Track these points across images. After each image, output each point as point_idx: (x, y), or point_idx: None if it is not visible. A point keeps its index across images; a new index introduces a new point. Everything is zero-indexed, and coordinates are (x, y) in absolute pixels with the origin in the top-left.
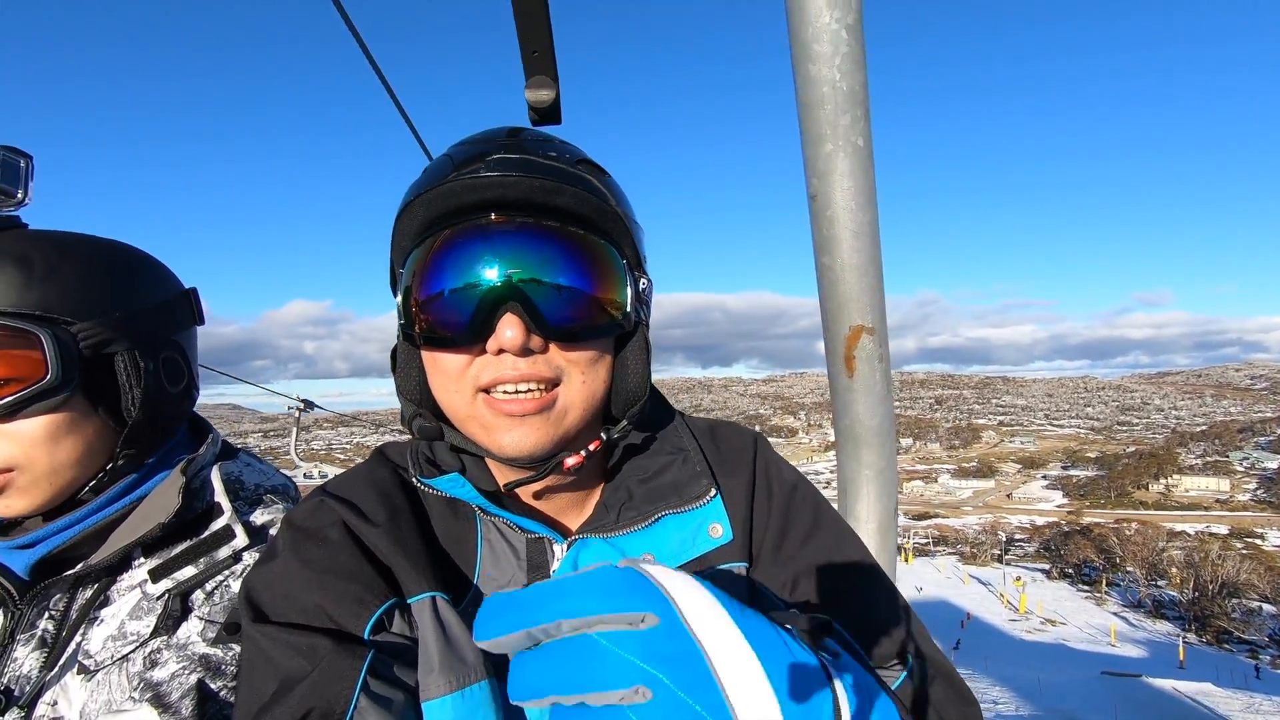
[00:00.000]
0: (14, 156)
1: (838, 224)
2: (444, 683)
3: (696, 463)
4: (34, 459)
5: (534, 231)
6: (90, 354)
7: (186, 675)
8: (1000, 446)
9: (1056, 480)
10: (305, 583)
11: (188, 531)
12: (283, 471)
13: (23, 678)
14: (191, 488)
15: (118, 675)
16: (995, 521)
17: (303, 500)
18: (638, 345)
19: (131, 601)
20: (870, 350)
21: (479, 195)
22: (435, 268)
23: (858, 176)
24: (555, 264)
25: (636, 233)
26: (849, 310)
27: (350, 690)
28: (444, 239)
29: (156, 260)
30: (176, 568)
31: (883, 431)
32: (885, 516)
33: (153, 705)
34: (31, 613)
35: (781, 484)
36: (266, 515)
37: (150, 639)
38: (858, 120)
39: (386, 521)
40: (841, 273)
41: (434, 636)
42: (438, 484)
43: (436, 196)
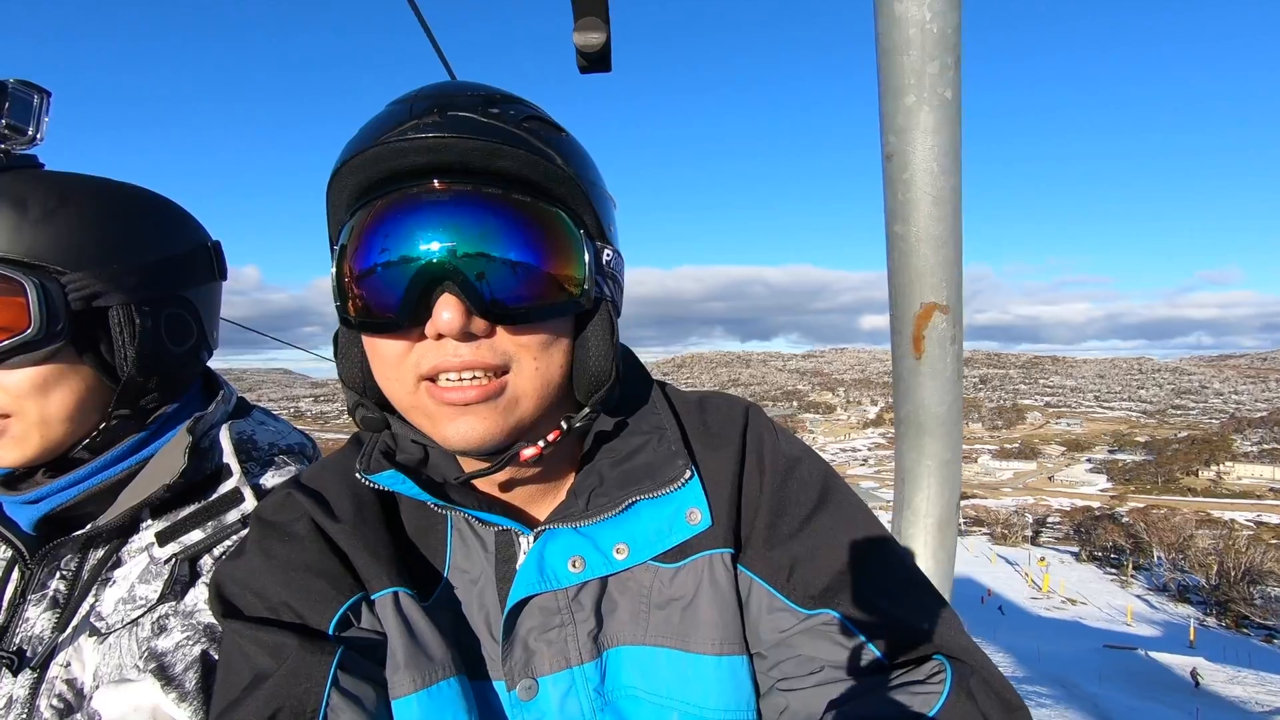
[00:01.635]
0: (27, 91)
1: (915, 188)
2: (409, 680)
3: (672, 441)
4: (23, 409)
5: (472, 200)
6: (81, 307)
7: (191, 646)
8: (1045, 428)
9: (1101, 464)
10: (271, 579)
11: (197, 493)
12: (299, 429)
13: (35, 638)
14: (200, 448)
15: (128, 639)
16: (1034, 504)
17: (273, 491)
18: (600, 324)
19: (141, 565)
20: (942, 331)
21: (409, 160)
22: (365, 244)
23: (942, 134)
24: (496, 236)
25: (598, 198)
26: (921, 286)
27: (320, 688)
28: (374, 210)
29: (174, 210)
30: (184, 531)
31: (950, 420)
32: (946, 511)
33: (156, 677)
34: (42, 572)
35: (776, 458)
36: (278, 477)
37: (158, 604)
38: (946, 69)
39: (352, 516)
40: (916, 243)
41: (399, 633)
42: (380, 480)
43: (364, 162)
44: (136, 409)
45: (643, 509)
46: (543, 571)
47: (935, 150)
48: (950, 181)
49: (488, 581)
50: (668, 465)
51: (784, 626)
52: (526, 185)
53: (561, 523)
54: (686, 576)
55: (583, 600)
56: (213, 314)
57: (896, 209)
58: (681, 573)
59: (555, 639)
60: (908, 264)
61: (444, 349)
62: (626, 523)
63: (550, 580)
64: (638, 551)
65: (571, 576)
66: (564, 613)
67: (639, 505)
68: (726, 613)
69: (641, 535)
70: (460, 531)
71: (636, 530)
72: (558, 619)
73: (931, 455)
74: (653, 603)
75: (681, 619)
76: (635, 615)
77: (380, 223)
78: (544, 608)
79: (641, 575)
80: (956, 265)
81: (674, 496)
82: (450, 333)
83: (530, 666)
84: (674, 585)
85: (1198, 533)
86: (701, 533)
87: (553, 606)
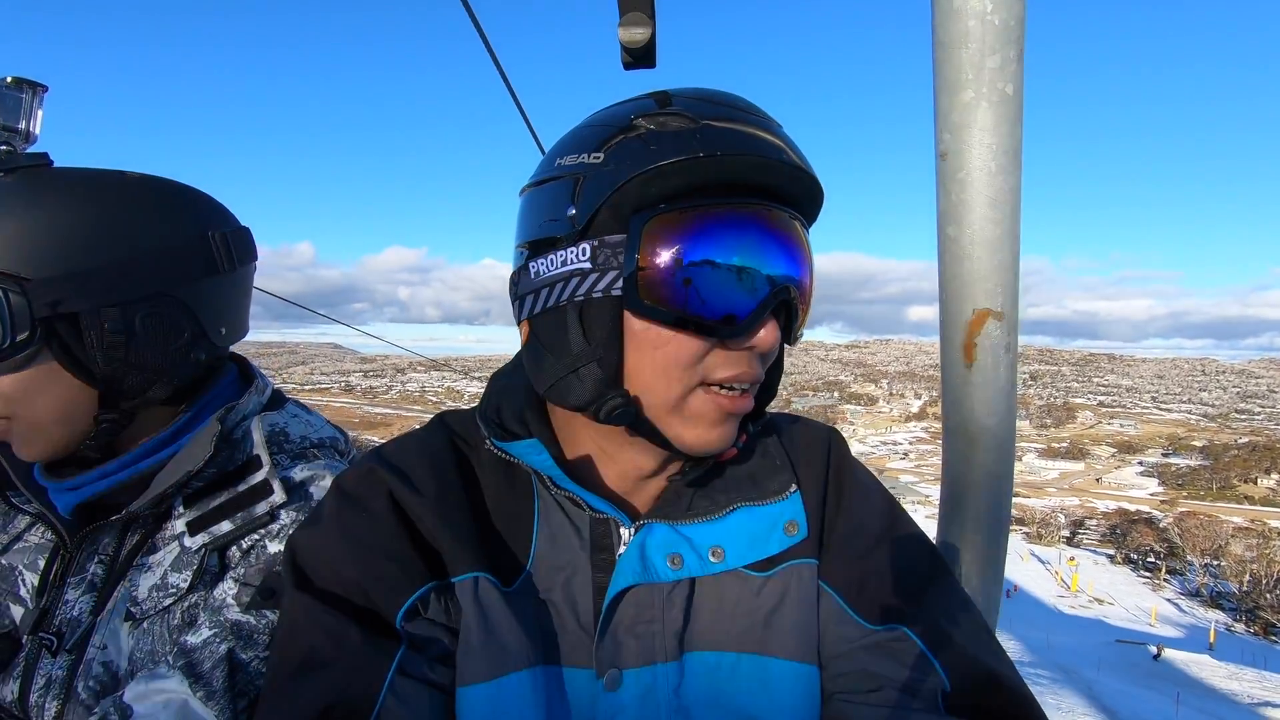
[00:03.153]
0: (15, 90)
1: (971, 189)
2: (480, 669)
3: (777, 456)
4: (18, 414)
5: (798, 232)
6: (48, 313)
7: (218, 644)
8: (1097, 428)
9: (1153, 467)
10: (345, 555)
11: (228, 484)
12: (334, 424)
13: (74, 621)
14: (232, 438)
15: (160, 626)
16: (1080, 505)
17: (356, 462)
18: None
19: (174, 553)
20: (996, 339)
21: (770, 178)
22: (714, 241)
23: (1002, 132)
24: (809, 270)
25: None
26: (974, 291)
27: (377, 688)
28: (737, 213)
29: (165, 202)
30: (214, 522)
31: (1001, 432)
32: (996, 528)
33: (185, 674)
34: (81, 556)
35: (854, 482)
36: (307, 471)
37: (188, 593)
38: (1008, 63)
39: (435, 494)
40: (970, 247)
41: (476, 620)
42: (513, 448)
43: (740, 164)
44: (122, 412)
45: (742, 516)
46: (644, 563)
47: (993, 149)
48: (1009, 182)
49: (578, 569)
50: (773, 477)
51: (850, 638)
52: (809, 221)
53: (661, 518)
54: (775, 585)
55: (675, 599)
56: (217, 308)
57: (950, 210)
58: (771, 582)
59: (644, 634)
60: (960, 268)
61: (745, 361)
62: (724, 527)
63: (651, 573)
64: (733, 557)
65: (670, 573)
66: (657, 608)
67: (739, 512)
68: (807, 622)
69: (738, 542)
70: (548, 518)
71: (733, 536)
72: (650, 613)
73: (982, 467)
74: (739, 610)
75: (765, 626)
76: (719, 621)
77: (741, 227)
78: (640, 601)
79: (730, 581)
80: (1013, 271)
81: (775, 508)
82: (766, 348)
83: (618, 658)
84: (762, 595)
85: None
86: (796, 544)
87: (648, 601)
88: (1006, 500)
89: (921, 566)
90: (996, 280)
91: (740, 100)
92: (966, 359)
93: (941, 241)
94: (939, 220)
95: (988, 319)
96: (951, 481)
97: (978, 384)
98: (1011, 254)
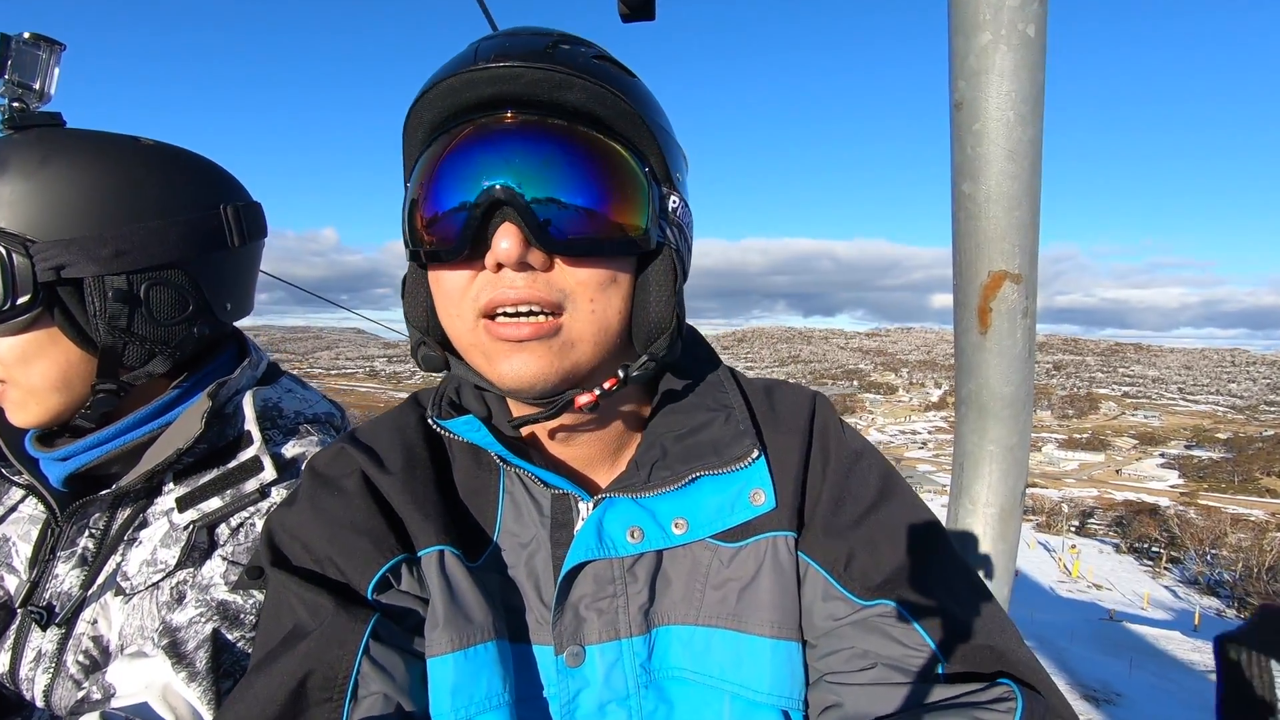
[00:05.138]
0: (32, 46)
1: (987, 140)
2: (446, 640)
3: (740, 420)
4: (13, 376)
5: (536, 130)
6: (50, 278)
7: (203, 624)
8: (1120, 419)
9: (1175, 459)
10: (319, 533)
11: (218, 460)
12: (330, 399)
13: (64, 595)
14: (224, 413)
15: (149, 602)
16: (1098, 497)
17: (330, 443)
18: (662, 269)
19: (163, 529)
20: (1013, 302)
21: (477, 91)
22: (431, 175)
23: (1021, 78)
24: (558, 168)
25: (665, 142)
26: (990, 251)
27: (352, 655)
28: (442, 143)
29: (179, 173)
30: (203, 498)
31: (1017, 402)
32: (1009, 501)
33: (168, 654)
34: (72, 530)
35: (841, 448)
36: (299, 448)
37: (176, 569)
38: (1031, 1)
39: (402, 469)
40: (985, 204)
41: (440, 592)
42: (453, 426)
43: (435, 97)
44: (120, 383)
45: (705, 485)
46: (601, 539)
47: (1012, 97)
48: (1028, 133)
49: (540, 545)
50: (735, 443)
51: (838, 615)
52: (593, 120)
53: (621, 492)
54: (747, 557)
55: (637, 572)
56: (223, 284)
57: (965, 164)
58: (742, 553)
59: (606, 609)
60: (976, 227)
61: (501, 281)
62: (687, 498)
63: (608, 548)
64: (697, 528)
65: (629, 547)
66: (617, 583)
67: (701, 481)
68: (785, 596)
69: (702, 512)
70: (513, 494)
71: (697, 506)
72: (610, 589)
73: (995, 440)
74: (709, 582)
75: (739, 600)
76: (689, 594)
77: (446, 154)
78: (598, 576)
79: (700, 553)
80: (1032, 229)
81: (738, 475)
82: (508, 261)
83: (580, 634)
84: (733, 565)
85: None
86: (765, 514)
87: (607, 575)
88: (1021, 472)
89: (916, 536)
90: (1014, 240)
91: (494, 33)
92: (981, 325)
93: (956, 198)
94: (953, 176)
95: (1004, 281)
96: (964, 453)
97: (993, 351)
98: (1031, 211)
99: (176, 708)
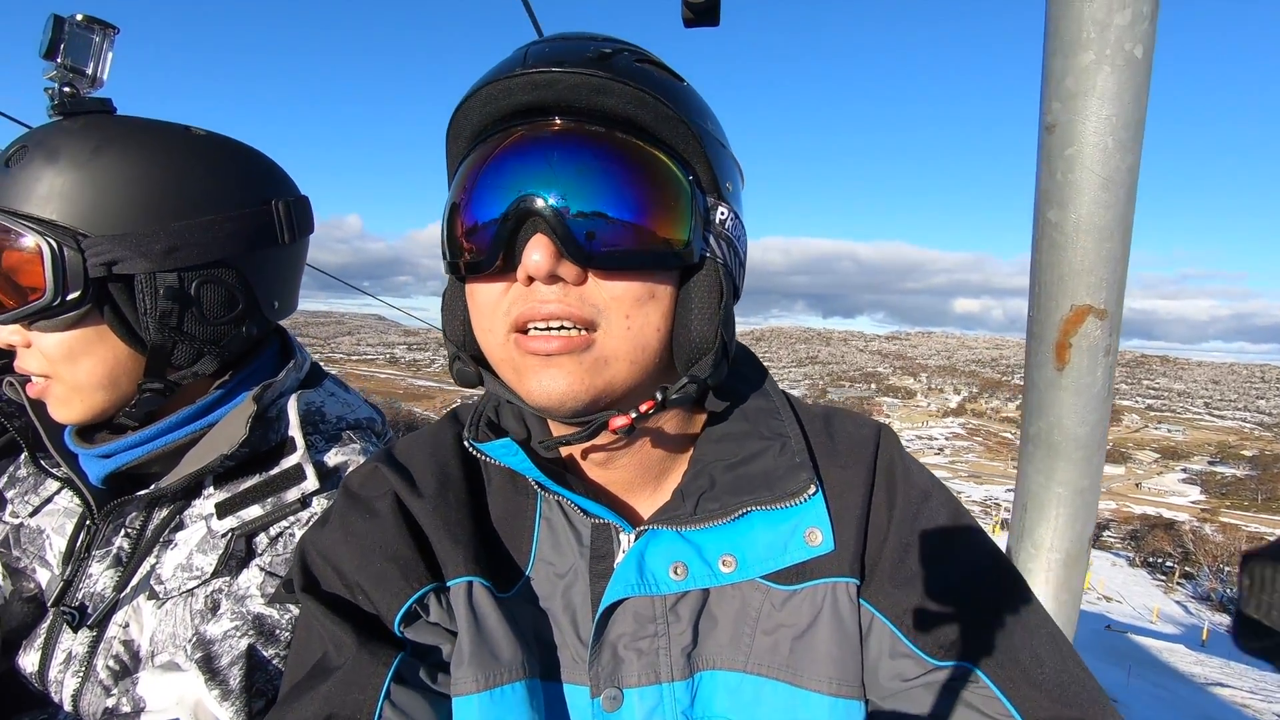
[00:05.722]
0: (86, 29)
1: (1081, 167)
2: (471, 679)
3: (797, 452)
4: (59, 372)
5: (574, 138)
6: (102, 274)
7: (238, 639)
8: (1142, 433)
9: (1197, 475)
10: (349, 557)
11: (260, 465)
12: (371, 403)
13: (96, 595)
14: (267, 417)
15: (182, 609)
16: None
17: (364, 462)
18: (705, 285)
19: (200, 532)
20: (1095, 340)
21: (515, 99)
22: (465, 185)
23: (1124, 102)
24: (595, 177)
25: (714, 151)
26: (1075, 285)
27: (373, 701)
28: (480, 152)
29: (231, 167)
30: (243, 505)
31: (1091, 443)
32: (1075, 547)
33: (201, 669)
34: (108, 529)
35: (909, 486)
36: (342, 455)
37: (213, 578)
38: (1141, 20)
39: (435, 493)
40: (1074, 234)
41: (468, 627)
42: (489, 449)
43: (476, 105)
44: (167, 383)
45: (756, 521)
46: (642, 574)
47: (1112, 121)
48: (1126, 160)
49: (577, 576)
50: (790, 477)
51: (907, 675)
52: (634, 126)
53: (665, 524)
54: (803, 603)
55: (680, 611)
56: (272, 281)
57: (1053, 191)
58: (797, 598)
59: (646, 649)
60: (1060, 257)
61: (533, 295)
62: (736, 533)
63: (649, 584)
64: (747, 567)
65: (671, 583)
66: (659, 622)
67: (752, 516)
68: (846, 650)
69: (752, 550)
70: (550, 521)
71: (747, 543)
72: (651, 628)
73: (1064, 482)
74: (760, 626)
75: (792, 649)
76: (737, 637)
77: (480, 164)
78: (639, 613)
79: (750, 594)
80: (1122, 263)
81: (793, 512)
82: (537, 274)
83: (617, 675)
84: (786, 610)
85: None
86: (822, 556)
87: (648, 613)
88: (1090, 517)
89: (995, 587)
90: (1101, 273)
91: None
92: (1058, 360)
93: (1040, 226)
94: (1038, 202)
95: (1087, 316)
96: (1028, 494)
97: (1068, 389)
98: (1122, 245)
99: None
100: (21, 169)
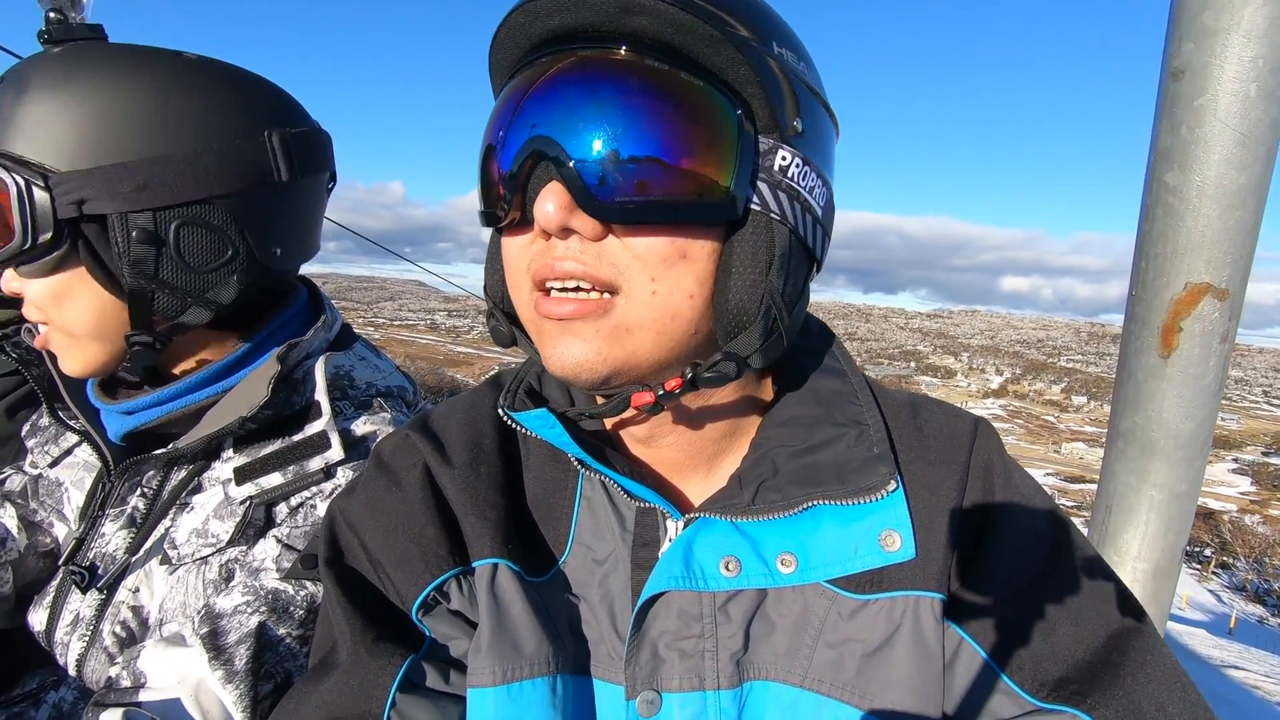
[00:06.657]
0: None
1: (1213, 119)
2: (488, 671)
3: (876, 443)
4: (50, 317)
5: (596, 67)
6: (72, 214)
7: (248, 616)
8: None
9: (1249, 465)
10: (375, 531)
11: (283, 429)
12: (403, 370)
13: (108, 556)
14: (292, 378)
15: (194, 577)
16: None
17: (398, 429)
18: (750, 243)
19: (217, 497)
20: (1211, 324)
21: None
22: (489, 128)
23: (1275, 42)
24: (615, 112)
25: (773, 82)
26: (1191, 259)
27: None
28: (505, 90)
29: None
30: (263, 472)
31: (1195, 442)
32: (1166, 558)
33: (206, 646)
34: (123, 488)
35: (1010, 492)
36: (370, 424)
37: (228, 546)
38: None
39: (465, 465)
40: (1197, 200)
41: (488, 614)
42: (525, 419)
43: (506, 35)
44: (156, 334)
45: (823, 517)
46: (689, 566)
47: (1258, 65)
48: (1271, 113)
49: (618, 564)
50: (865, 470)
51: (1002, 714)
52: (670, 51)
53: (718, 513)
54: (876, 615)
55: (730, 612)
56: (271, 225)
57: (1175, 149)
58: (870, 609)
59: (690, 651)
60: (1177, 227)
61: (551, 251)
62: (799, 529)
63: (696, 578)
64: (809, 569)
65: (722, 580)
66: (706, 621)
67: (818, 511)
68: (927, 677)
69: (817, 549)
70: (591, 502)
71: (811, 541)
72: (697, 627)
73: (1159, 484)
74: (823, 637)
75: (860, 668)
76: (795, 647)
77: (503, 103)
78: (683, 610)
79: (814, 599)
80: (1251, 236)
81: (867, 509)
82: (549, 227)
83: (656, 677)
84: (856, 622)
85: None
86: (902, 565)
87: (694, 611)
88: (1185, 526)
89: (1108, 617)
90: (1225, 246)
91: None
92: (1164, 347)
93: (1152, 189)
94: (1153, 161)
95: (1204, 297)
96: (1113, 494)
97: (1175, 379)
98: (1254, 213)
99: (208, 710)
100: None
